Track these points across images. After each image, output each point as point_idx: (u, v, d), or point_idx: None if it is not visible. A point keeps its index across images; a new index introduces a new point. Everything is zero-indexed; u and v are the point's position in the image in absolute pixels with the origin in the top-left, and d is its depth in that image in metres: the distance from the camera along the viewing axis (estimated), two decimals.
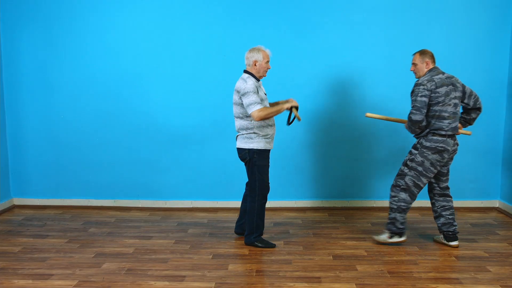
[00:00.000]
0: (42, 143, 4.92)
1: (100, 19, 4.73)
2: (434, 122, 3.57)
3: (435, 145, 3.58)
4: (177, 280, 3.15)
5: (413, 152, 3.70)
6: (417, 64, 3.68)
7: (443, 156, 3.60)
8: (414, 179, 3.65)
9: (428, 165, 3.61)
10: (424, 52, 3.67)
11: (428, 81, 3.55)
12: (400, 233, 3.75)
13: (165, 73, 4.78)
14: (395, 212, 3.71)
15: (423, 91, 3.53)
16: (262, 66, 3.66)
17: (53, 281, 3.14)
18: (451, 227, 3.75)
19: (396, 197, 3.71)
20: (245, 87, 3.55)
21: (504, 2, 4.65)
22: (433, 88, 3.53)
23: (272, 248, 3.74)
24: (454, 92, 3.59)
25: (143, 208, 4.96)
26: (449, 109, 3.56)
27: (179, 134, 4.84)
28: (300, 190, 4.94)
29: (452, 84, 3.59)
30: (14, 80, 4.85)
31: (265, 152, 3.71)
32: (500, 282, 3.10)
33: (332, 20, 4.70)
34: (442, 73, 3.62)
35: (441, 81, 3.56)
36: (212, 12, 4.70)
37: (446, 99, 3.55)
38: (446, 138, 3.58)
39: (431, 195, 3.84)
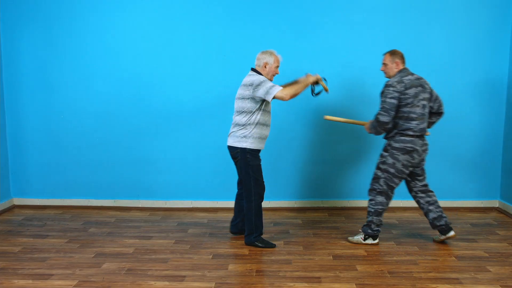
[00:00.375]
0: (42, 143, 4.92)
1: (100, 19, 4.73)
2: (403, 123, 3.60)
3: (404, 145, 3.60)
4: (177, 280, 3.15)
5: (383, 154, 3.72)
6: (387, 64, 3.72)
7: (413, 156, 3.63)
8: (388, 181, 3.69)
9: (399, 166, 3.64)
10: (394, 53, 3.71)
11: (398, 82, 3.58)
12: (374, 236, 3.79)
13: (165, 73, 4.78)
14: (372, 215, 3.75)
15: (392, 93, 3.56)
16: (271, 70, 3.69)
17: (53, 281, 3.14)
18: (442, 220, 3.78)
19: (373, 200, 3.75)
20: (258, 78, 3.57)
21: (504, 2, 4.65)
22: (403, 89, 3.56)
23: (273, 248, 3.74)
24: (422, 93, 3.62)
25: (143, 208, 4.96)
26: (418, 110, 3.59)
27: (179, 134, 4.84)
28: (300, 190, 4.94)
29: (421, 85, 3.62)
30: (14, 80, 4.85)
31: (257, 152, 3.72)
32: (500, 282, 3.10)
33: (332, 20, 4.70)
34: (411, 74, 3.65)
35: (410, 82, 3.58)
36: (212, 12, 4.70)
37: (415, 100, 3.58)
38: (414, 138, 3.61)
39: (413, 194, 3.87)
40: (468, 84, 4.76)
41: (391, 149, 3.66)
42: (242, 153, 3.68)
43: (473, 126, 4.82)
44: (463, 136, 4.82)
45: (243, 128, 3.65)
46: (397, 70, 3.68)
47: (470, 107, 4.78)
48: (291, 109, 4.76)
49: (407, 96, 3.56)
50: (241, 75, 4.67)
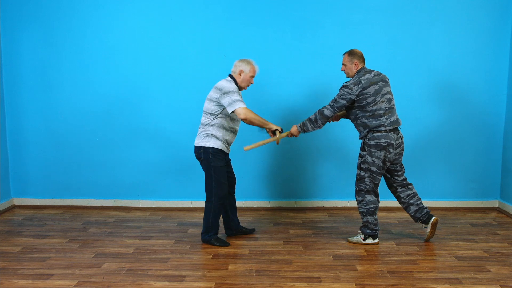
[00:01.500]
0: (42, 143, 4.92)
1: (100, 19, 4.73)
2: (371, 122, 3.62)
3: (379, 141, 3.62)
4: (177, 280, 3.15)
5: (362, 154, 3.74)
6: (346, 65, 3.74)
7: (389, 151, 3.65)
8: (372, 179, 3.70)
9: (379, 163, 3.66)
10: (353, 53, 3.72)
11: (354, 84, 3.59)
12: (373, 235, 3.79)
13: (165, 73, 4.78)
14: (366, 215, 3.76)
15: (346, 95, 3.60)
16: (246, 79, 3.71)
17: (53, 281, 3.14)
18: (423, 210, 3.81)
19: (363, 200, 3.76)
20: (229, 86, 3.61)
21: (504, 2, 4.65)
22: (360, 91, 3.57)
23: (265, 248, 3.73)
24: (385, 87, 3.64)
25: (143, 208, 4.96)
26: (383, 106, 3.61)
27: (179, 134, 4.84)
28: (300, 190, 4.94)
29: (382, 80, 3.64)
30: (14, 80, 4.85)
31: (220, 153, 3.73)
32: (500, 282, 3.10)
33: (332, 20, 4.70)
34: (369, 72, 3.66)
35: (368, 81, 3.59)
36: (212, 12, 4.70)
37: (377, 97, 3.59)
38: (388, 132, 3.62)
39: (393, 189, 3.89)
40: (468, 84, 4.76)
41: (368, 148, 3.67)
42: (205, 153, 3.70)
43: (473, 126, 4.82)
44: (463, 136, 4.82)
45: (206, 129, 3.69)
46: (356, 70, 3.70)
47: (470, 107, 4.78)
48: (291, 109, 4.75)
49: (366, 95, 3.58)
50: None
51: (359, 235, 3.86)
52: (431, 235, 3.85)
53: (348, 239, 3.91)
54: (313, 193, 4.96)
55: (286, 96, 4.73)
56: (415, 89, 4.77)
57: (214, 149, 3.69)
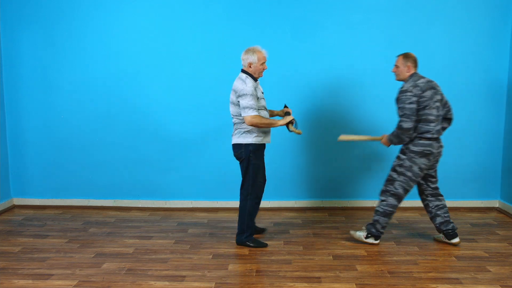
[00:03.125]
0: (42, 143, 4.92)
1: (100, 19, 4.73)
2: (422, 126, 3.59)
3: (422, 149, 3.59)
4: (177, 280, 3.15)
5: (401, 157, 3.70)
6: (399, 67, 3.70)
7: (429, 159, 3.62)
8: (404, 184, 3.66)
9: (416, 170, 3.63)
10: (408, 56, 3.68)
11: (413, 87, 3.56)
12: (376, 236, 3.78)
13: (165, 73, 4.78)
14: (380, 215, 3.73)
15: (410, 98, 3.54)
16: (257, 68, 3.63)
17: (53, 281, 3.14)
18: (449, 225, 3.77)
19: (385, 201, 3.73)
20: (243, 88, 3.55)
21: (504, 2, 4.65)
22: (420, 93, 3.54)
23: (265, 248, 3.74)
24: (435, 95, 3.62)
25: (143, 208, 4.96)
26: (434, 112, 3.59)
27: (179, 134, 4.85)
28: (300, 190, 4.94)
29: (433, 87, 3.61)
30: (14, 80, 4.85)
31: (261, 149, 3.71)
32: (500, 282, 3.10)
33: (332, 20, 4.70)
34: (422, 77, 3.65)
35: (424, 85, 3.58)
36: (212, 12, 4.70)
37: (431, 102, 3.57)
38: (432, 141, 3.60)
39: (423, 197, 3.85)
40: (468, 84, 4.76)
41: (409, 152, 3.63)
42: (246, 151, 3.66)
43: (473, 126, 4.81)
44: (463, 136, 4.82)
45: (243, 126, 3.66)
46: (408, 74, 3.66)
47: (470, 107, 4.78)
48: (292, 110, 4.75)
49: (424, 98, 3.55)
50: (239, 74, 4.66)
51: (363, 231, 3.83)
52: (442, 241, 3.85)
53: (350, 232, 3.90)
54: (313, 193, 4.96)
55: (286, 96, 4.72)
56: None
57: (255, 146, 3.65)
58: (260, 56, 3.61)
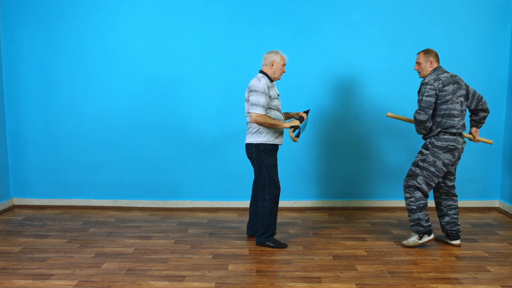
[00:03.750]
0: (42, 143, 4.92)
1: (100, 19, 4.73)
2: (446, 121, 3.56)
3: (446, 144, 3.57)
4: (177, 280, 3.15)
5: (424, 152, 3.65)
6: (421, 63, 3.67)
7: (454, 154, 3.60)
8: (427, 179, 3.62)
9: (440, 165, 3.59)
10: (429, 51, 3.66)
11: (434, 80, 3.55)
12: (428, 232, 3.70)
13: (165, 73, 4.78)
14: (416, 212, 3.66)
15: (429, 91, 3.52)
16: (278, 68, 3.68)
17: (53, 281, 3.14)
18: (455, 226, 3.76)
19: (412, 197, 3.66)
20: (256, 85, 3.58)
21: (504, 2, 4.65)
22: (441, 87, 3.53)
23: (265, 248, 3.74)
24: (459, 90, 3.60)
25: (143, 208, 4.96)
26: (457, 107, 3.57)
27: (179, 133, 4.85)
28: (300, 190, 4.94)
29: (457, 82, 3.60)
30: (14, 80, 4.85)
31: (273, 149, 3.71)
32: (500, 282, 3.10)
33: (332, 20, 4.70)
34: (446, 72, 3.63)
35: (447, 79, 3.56)
36: (212, 12, 4.70)
37: (453, 97, 3.55)
38: (457, 136, 3.58)
39: (437, 194, 3.83)
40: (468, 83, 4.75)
41: (433, 147, 3.60)
42: (257, 151, 3.67)
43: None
44: None
45: (255, 125, 3.66)
46: (431, 68, 3.64)
47: None
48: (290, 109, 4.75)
49: (445, 93, 3.53)
50: (242, 74, 4.68)
51: (413, 236, 3.74)
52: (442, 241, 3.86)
53: (402, 243, 3.79)
54: (313, 193, 4.96)
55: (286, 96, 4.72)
56: (415, 89, 4.75)
57: (266, 145, 3.66)
58: (282, 57, 3.71)
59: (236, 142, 4.75)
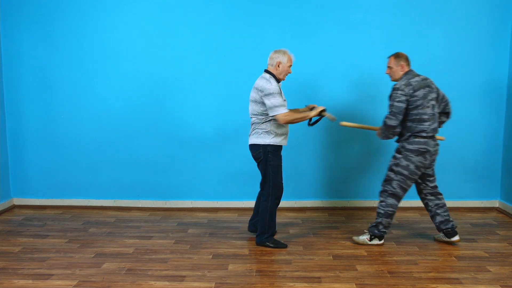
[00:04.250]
0: (42, 143, 4.92)
1: (100, 19, 4.73)
2: (416, 126, 3.59)
3: (418, 147, 3.59)
4: (177, 280, 3.15)
5: (397, 156, 3.70)
6: (392, 68, 3.69)
7: (425, 157, 3.62)
8: (401, 183, 3.66)
9: (413, 168, 3.62)
10: (399, 56, 3.68)
11: (405, 85, 3.55)
12: (380, 236, 3.78)
13: (165, 73, 4.78)
14: (382, 217, 3.73)
15: (400, 96, 3.54)
16: (284, 69, 3.66)
17: (53, 281, 3.14)
18: (449, 224, 3.78)
19: (384, 202, 3.73)
20: (269, 87, 3.54)
21: (504, 2, 4.65)
22: (411, 92, 3.53)
23: (265, 248, 3.74)
24: (430, 93, 3.61)
25: (143, 208, 4.96)
26: (428, 111, 3.58)
27: (179, 133, 4.85)
28: (300, 190, 4.94)
29: (428, 86, 3.61)
30: (14, 80, 4.85)
31: (279, 150, 3.71)
32: (500, 282, 3.10)
33: (332, 20, 4.70)
34: (417, 75, 3.64)
35: (418, 84, 3.57)
36: (212, 12, 4.70)
37: (424, 101, 3.56)
38: (428, 139, 3.60)
39: (422, 196, 3.85)
40: (468, 84, 4.76)
41: (405, 151, 3.63)
42: (264, 151, 3.65)
43: (473, 126, 4.82)
44: (463, 136, 4.82)
45: (262, 127, 3.65)
46: (402, 72, 3.66)
47: (470, 107, 4.78)
48: None
49: (416, 98, 3.54)
50: (242, 75, 4.68)
51: (365, 234, 3.83)
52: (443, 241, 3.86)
53: (353, 238, 3.89)
54: (313, 193, 4.96)
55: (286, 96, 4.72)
56: None
57: (274, 147, 3.66)
58: (289, 58, 3.67)
59: (236, 142, 4.75)
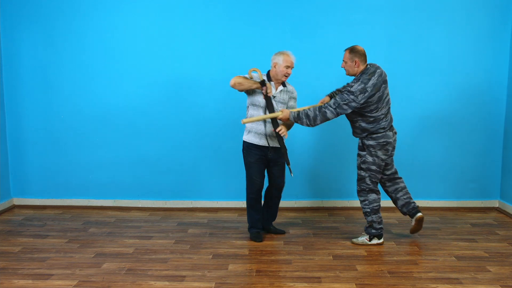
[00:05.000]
0: (42, 143, 4.92)
1: (100, 19, 4.73)
2: (372, 126, 3.61)
3: (378, 141, 3.63)
4: (177, 280, 3.15)
5: (361, 154, 3.73)
6: (347, 62, 3.62)
7: (387, 149, 3.67)
8: (372, 178, 3.71)
9: (379, 162, 3.68)
10: (354, 51, 3.58)
11: (360, 92, 3.46)
12: (378, 235, 3.79)
13: (165, 73, 4.78)
14: (370, 214, 3.75)
15: (351, 102, 3.49)
16: (280, 70, 3.69)
17: (53, 281, 3.14)
18: (410, 205, 3.85)
19: (366, 200, 3.75)
20: None
21: (504, 2, 4.65)
22: (365, 99, 3.49)
23: (265, 248, 3.75)
24: (385, 90, 3.60)
25: (143, 208, 4.96)
26: (384, 111, 3.60)
27: (179, 134, 4.85)
28: (300, 190, 4.94)
29: (383, 82, 3.57)
30: (14, 80, 4.85)
31: (253, 148, 3.76)
32: (500, 282, 3.10)
33: (332, 20, 4.70)
34: (373, 73, 3.52)
35: (373, 88, 3.49)
36: (212, 12, 4.70)
37: (379, 103, 3.56)
38: (386, 132, 3.63)
39: (381, 183, 3.91)
40: (468, 84, 4.76)
41: (368, 148, 3.67)
42: (242, 147, 3.86)
43: (473, 126, 4.82)
44: (463, 136, 4.82)
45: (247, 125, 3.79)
46: (357, 69, 3.59)
47: (471, 107, 4.78)
48: None
49: (370, 103, 3.52)
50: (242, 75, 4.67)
51: (363, 236, 3.84)
52: (415, 229, 3.90)
53: (352, 240, 3.88)
54: (313, 193, 4.96)
55: None
56: (415, 89, 4.77)
57: (246, 143, 3.80)
58: (286, 59, 3.68)
59: (237, 142, 4.74)
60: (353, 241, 3.87)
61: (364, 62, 3.60)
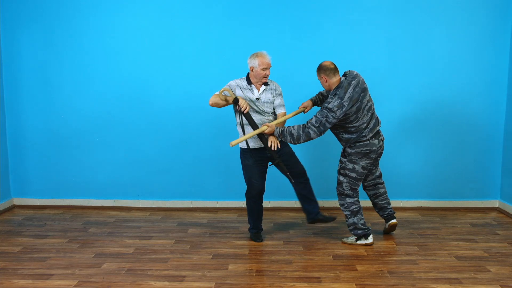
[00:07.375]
0: (42, 143, 4.92)
1: (100, 19, 4.73)
2: (353, 136, 3.61)
3: (360, 149, 3.62)
4: (177, 280, 3.15)
5: (342, 160, 3.74)
6: (320, 80, 3.65)
7: (370, 157, 3.66)
8: (350, 184, 3.70)
9: (360, 169, 3.66)
10: (319, 67, 3.61)
11: (338, 107, 3.46)
12: (365, 235, 3.78)
13: (165, 73, 4.78)
14: (351, 217, 3.75)
15: (331, 119, 3.49)
16: (258, 73, 3.67)
17: (53, 281, 3.14)
18: (386, 210, 3.94)
19: (345, 203, 3.76)
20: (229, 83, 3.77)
21: (504, 2, 4.65)
22: (343, 113, 3.48)
23: (265, 248, 3.75)
24: (364, 98, 3.58)
25: (143, 208, 4.96)
26: (365, 119, 3.59)
27: (179, 134, 4.85)
28: None
29: (362, 91, 3.54)
30: (14, 80, 4.85)
31: (247, 151, 3.76)
32: (500, 282, 3.10)
33: (332, 20, 4.70)
34: (348, 85, 3.49)
35: (350, 101, 3.48)
36: (212, 12, 4.70)
37: (359, 113, 3.55)
38: (369, 140, 3.61)
39: (364, 189, 3.98)
40: (468, 84, 4.76)
41: (349, 155, 3.67)
42: (240, 151, 3.85)
43: (473, 126, 4.81)
44: (463, 136, 4.82)
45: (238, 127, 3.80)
46: (328, 84, 3.58)
47: (470, 107, 4.78)
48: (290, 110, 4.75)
49: (349, 115, 3.51)
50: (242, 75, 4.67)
51: (351, 237, 3.87)
52: (387, 231, 4.02)
53: (342, 240, 3.91)
54: None
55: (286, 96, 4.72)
56: (415, 89, 4.76)
57: (242, 149, 3.82)
58: (262, 61, 3.63)
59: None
60: (343, 241, 3.90)
61: (333, 75, 3.57)
